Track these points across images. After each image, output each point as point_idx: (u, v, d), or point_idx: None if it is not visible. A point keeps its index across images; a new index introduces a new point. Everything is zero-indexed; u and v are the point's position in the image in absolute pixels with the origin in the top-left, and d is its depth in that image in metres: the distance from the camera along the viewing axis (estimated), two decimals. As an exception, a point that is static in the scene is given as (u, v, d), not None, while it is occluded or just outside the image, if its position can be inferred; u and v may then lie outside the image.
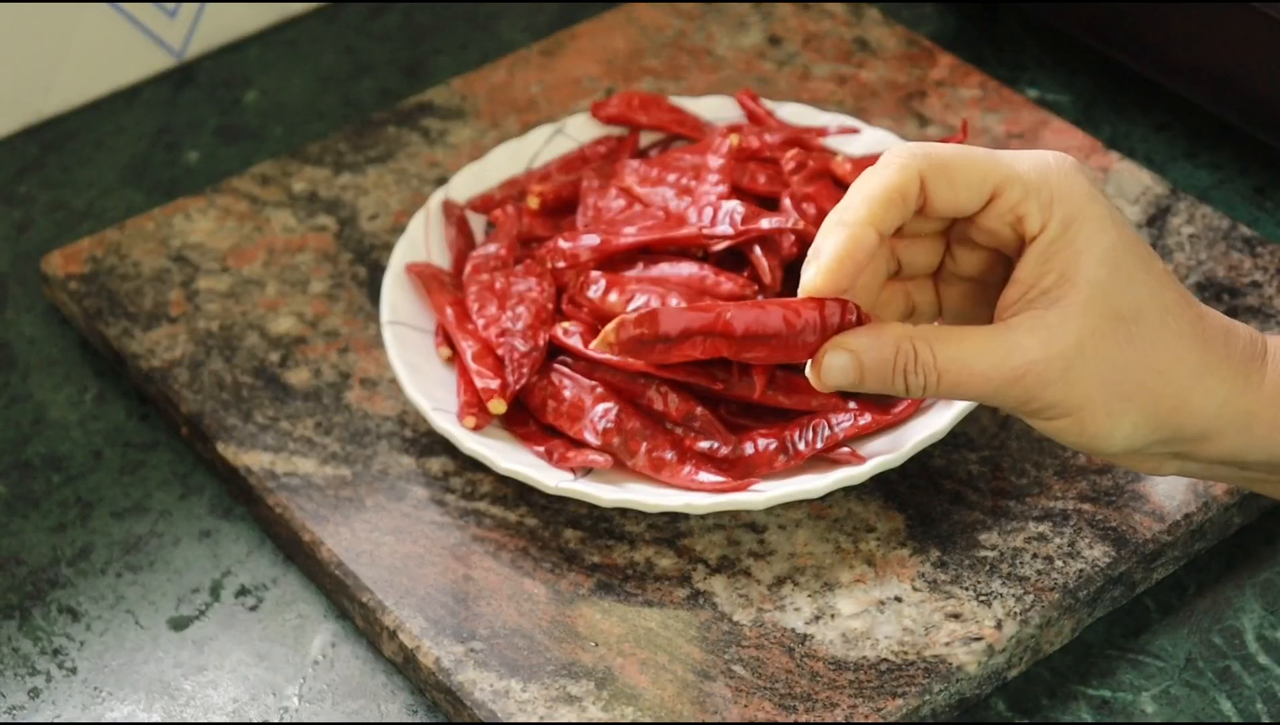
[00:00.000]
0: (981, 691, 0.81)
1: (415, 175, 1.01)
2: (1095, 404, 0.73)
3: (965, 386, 0.73)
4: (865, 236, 0.73)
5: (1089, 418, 0.73)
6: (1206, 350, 0.74)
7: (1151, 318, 0.73)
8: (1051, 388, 0.72)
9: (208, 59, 1.13)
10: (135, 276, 0.97)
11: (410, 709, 0.82)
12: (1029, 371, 0.72)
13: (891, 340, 0.73)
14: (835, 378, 0.73)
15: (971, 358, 0.73)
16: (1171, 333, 0.73)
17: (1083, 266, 0.72)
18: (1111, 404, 0.73)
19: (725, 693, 0.79)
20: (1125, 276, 0.73)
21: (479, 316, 0.89)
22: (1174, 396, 0.73)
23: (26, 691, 0.83)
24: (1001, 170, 0.73)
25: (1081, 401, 0.73)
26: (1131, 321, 0.73)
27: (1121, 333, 0.73)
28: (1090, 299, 0.72)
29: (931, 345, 0.73)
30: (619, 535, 0.85)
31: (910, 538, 0.84)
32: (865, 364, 0.73)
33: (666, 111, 0.99)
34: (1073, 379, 0.72)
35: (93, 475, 0.91)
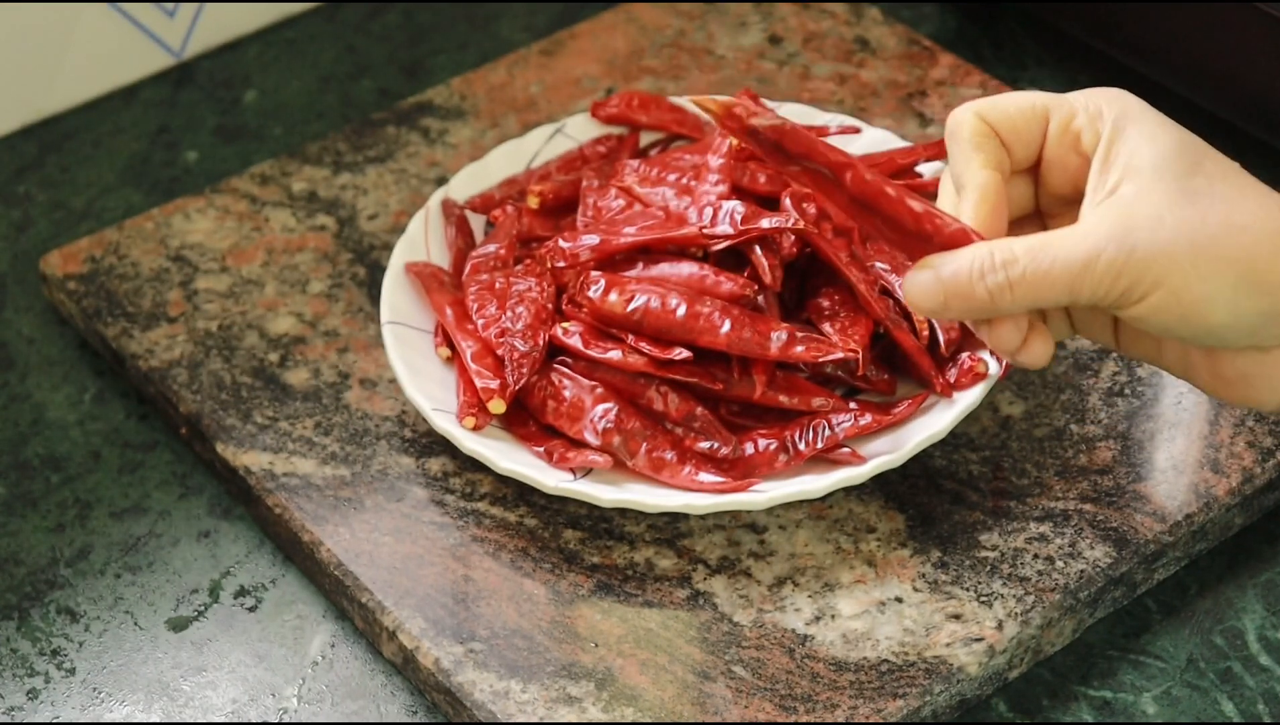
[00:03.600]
0: (982, 692, 0.80)
1: (415, 175, 1.01)
2: (1185, 270, 0.71)
3: (1045, 279, 0.72)
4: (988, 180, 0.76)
5: (1183, 285, 0.71)
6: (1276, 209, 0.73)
7: (1222, 185, 0.72)
8: (1134, 260, 0.71)
9: (207, 58, 1.13)
10: (134, 276, 0.97)
11: (410, 710, 0.82)
12: (1108, 246, 0.71)
13: (968, 251, 0.73)
14: (918, 295, 0.74)
15: (1052, 245, 0.72)
16: (1243, 194, 0.72)
17: (1142, 156, 0.73)
18: (1201, 267, 0.71)
19: (725, 693, 0.79)
20: (1191, 161, 0.73)
21: (479, 316, 0.89)
22: (1269, 255, 0.71)
23: (25, 692, 0.83)
24: (1045, 99, 0.76)
25: (1168, 267, 0.71)
26: (1204, 189, 0.72)
27: (1198, 199, 0.72)
28: (1157, 177, 0.72)
29: (1010, 244, 0.72)
30: (619, 536, 0.85)
31: (911, 538, 0.84)
32: (944, 276, 0.73)
33: (666, 111, 0.99)
34: (1156, 244, 0.71)
35: (91, 475, 0.91)
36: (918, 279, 0.74)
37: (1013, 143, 0.77)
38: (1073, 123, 0.76)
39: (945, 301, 0.74)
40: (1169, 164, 0.73)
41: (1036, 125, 0.76)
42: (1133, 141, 0.74)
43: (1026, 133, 0.77)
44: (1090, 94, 0.76)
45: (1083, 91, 0.77)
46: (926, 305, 0.74)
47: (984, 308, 0.73)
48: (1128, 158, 0.73)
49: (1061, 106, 0.76)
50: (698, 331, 0.85)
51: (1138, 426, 0.87)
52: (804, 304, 0.89)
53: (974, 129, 0.76)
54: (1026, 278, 0.72)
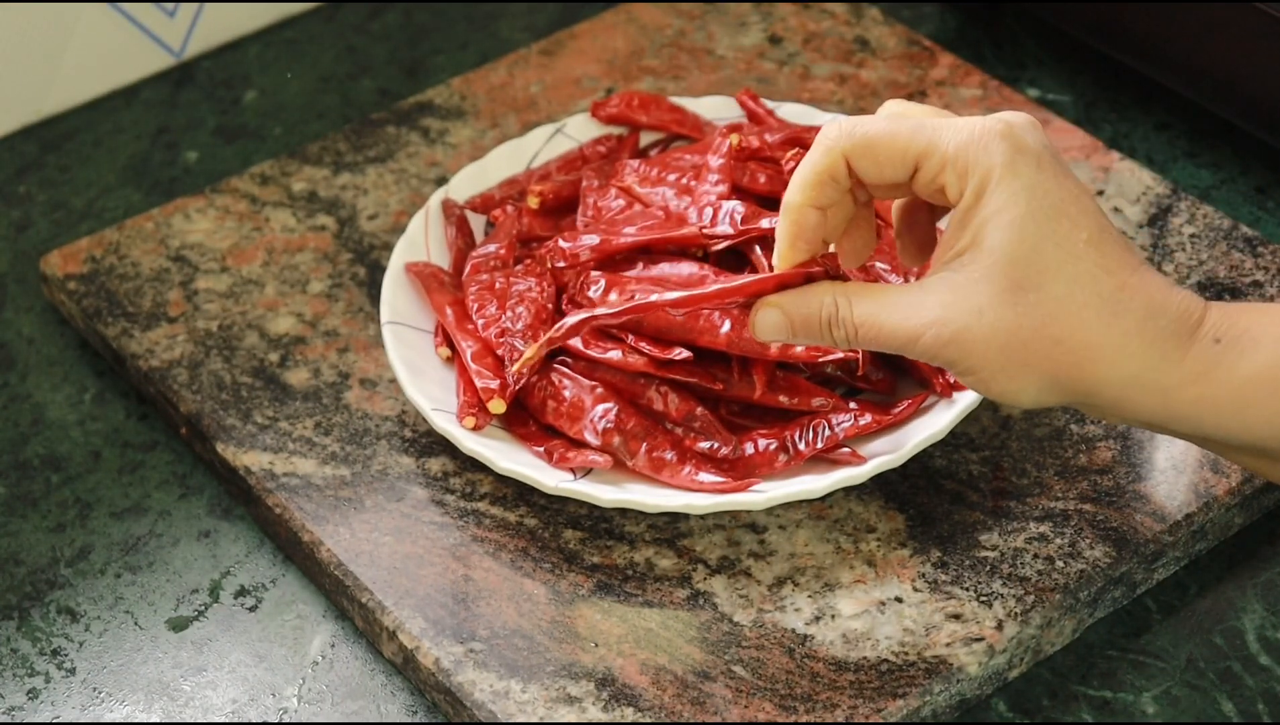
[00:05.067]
0: (982, 692, 0.80)
1: (415, 175, 1.01)
2: (994, 366, 0.76)
3: (878, 341, 0.78)
4: (805, 216, 0.79)
5: (991, 378, 0.77)
6: (1114, 323, 0.75)
7: (1055, 288, 0.75)
8: (949, 347, 0.76)
9: (207, 58, 1.13)
10: (134, 276, 0.97)
11: (410, 710, 0.82)
12: (928, 331, 0.76)
13: (817, 297, 0.79)
14: (768, 332, 0.80)
15: (883, 314, 0.77)
16: (1076, 304, 0.75)
17: (989, 234, 0.76)
18: (1010, 368, 0.76)
19: (725, 693, 0.79)
20: (1030, 247, 0.75)
21: (479, 316, 0.89)
22: (1074, 365, 0.76)
23: (25, 692, 0.83)
24: (921, 145, 0.77)
25: (979, 363, 0.76)
26: (1033, 290, 0.75)
27: (1021, 301, 0.75)
28: (993, 266, 0.75)
29: (851, 301, 0.78)
30: (619, 536, 0.85)
31: (911, 538, 0.84)
32: (793, 319, 0.79)
33: (666, 111, 0.98)
34: (968, 341, 0.76)
35: (91, 475, 0.91)
36: (766, 317, 0.80)
37: (873, 181, 0.79)
38: (939, 176, 0.77)
39: (793, 336, 0.80)
40: (1009, 250, 0.75)
41: (904, 171, 0.78)
42: (987, 210, 0.76)
43: (891, 177, 0.78)
44: (964, 145, 0.76)
45: (960, 135, 0.77)
46: (775, 337, 0.80)
47: (831, 346, 0.80)
48: (977, 228, 0.76)
49: (931, 157, 0.77)
50: (698, 331, 0.85)
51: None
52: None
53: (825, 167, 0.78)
54: (863, 336, 0.78)
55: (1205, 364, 0.75)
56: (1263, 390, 0.75)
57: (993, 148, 0.76)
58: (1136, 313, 0.75)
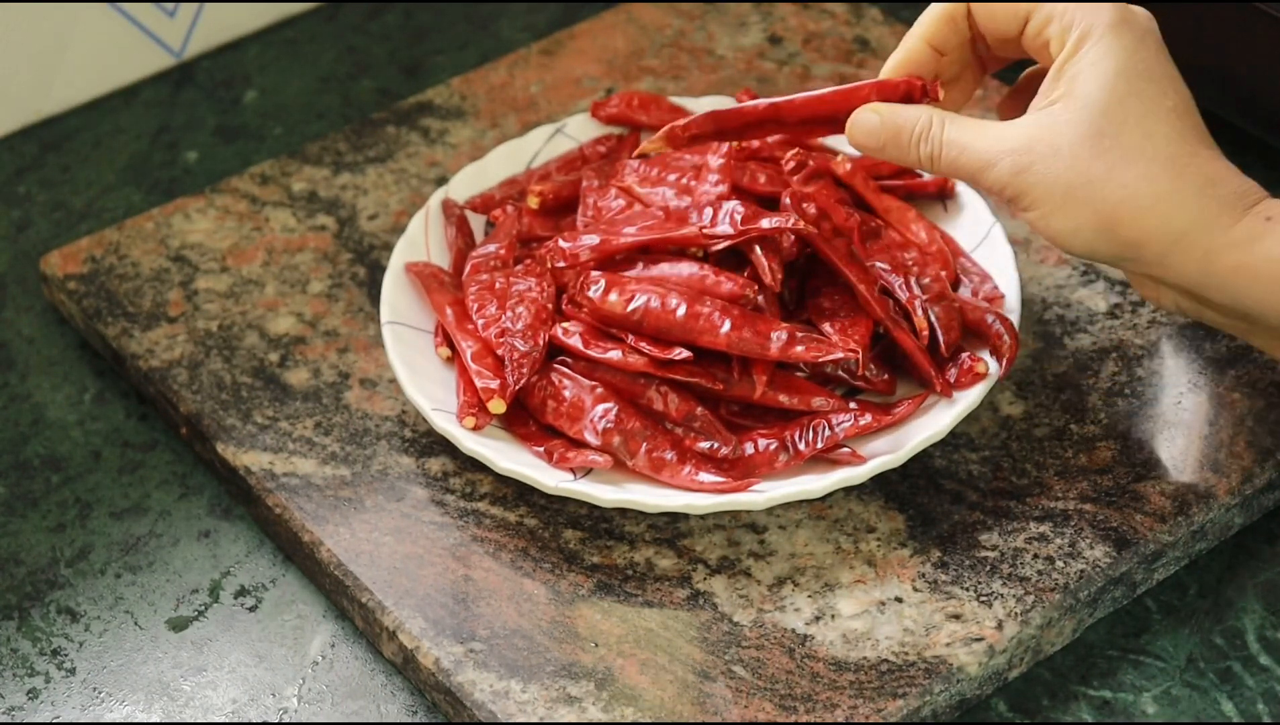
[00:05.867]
0: (982, 692, 0.80)
1: (415, 175, 1.01)
2: (1056, 201, 0.80)
3: (957, 162, 0.82)
4: (918, 50, 0.85)
5: (1052, 213, 0.80)
6: (1177, 180, 0.79)
7: (1130, 138, 0.80)
8: (1021, 176, 0.80)
9: (207, 58, 1.13)
10: (134, 276, 0.97)
11: (410, 710, 0.82)
12: (1005, 158, 0.81)
13: (914, 112, 0.83)
14: (860, 134, 0.84)
15: (970, 137, 0.82)
16: (1146, 156, 0.80)
17: (1081, 82, 0.80)
18: (1071, 206, 0.80)
19: (725, 693, 0.79)
20: (1117, 99, 0.80)
21: (479, 316, 0.89)
22: (1130, 212, 0.79)
23: (25, 692, 0.83)
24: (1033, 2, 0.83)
25: (1045, 195, 0.80)
26: (1110, 136, 0.80)
27: (1098, 145, 0.80)
28: (1080, 110, 0.80)
29: (946, 122, 0.83)
30: (619, 535, 0.85)
31: (911, 538, 0.84)
32: (886, 125, 0.83)
33: (666, 111, 0.98)
34: (1042, 172, 0.80)
35: (91, 475, 0.91)
36: (864, 119, 0.84)
37: (989, 31, 0.85)
38: (1046, 29, 0.82)
39: (883, 146, 0.84)
40: (1095, 98, 0.80)
41: (1016, 24, 0.83)
42: (1082, 63, 0.81)
43: (1005, 27, 0.84)
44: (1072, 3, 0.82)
45: None
46: (867, 143, 0.84)
47: (911, 162, 0.84)
48: (1071, 79, 0.81)
49: (1041, 10, 0.82)
50: (698, 331, 0.85)
51: (1138, 426, 0.87)
52: (804, 304, 0.89)
53: (948, 8, 0.85)
54: (946, 156, 0.82)
55: (1251, 235, 0.79)
56: None
57: (1101, 9, 0.81)
58: (1199, 177, 0.80)
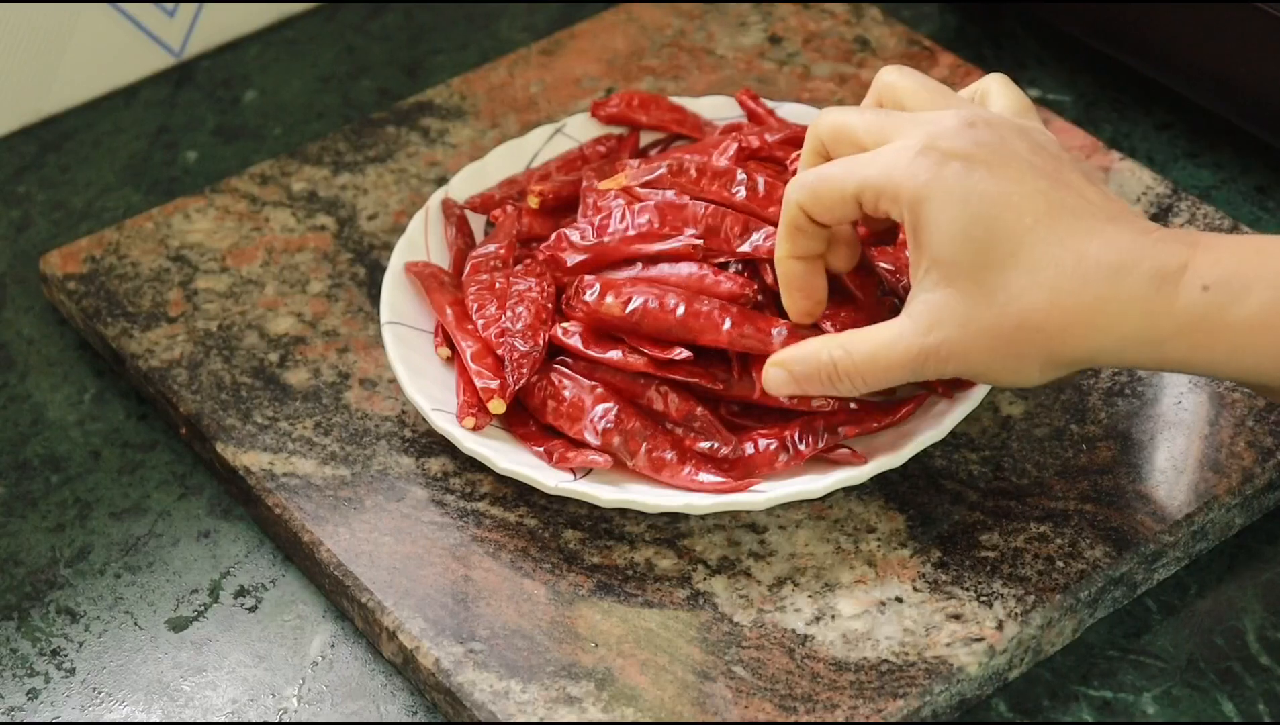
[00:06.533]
0: (982, 692, 0.80)
1: (415, 175, 1.01)
2: (994, 366, 0.78)
3: (884, 380, 0.80)
4: (791, 267, 0.83)
5: (998, 377, 0.79)
6: (1083, 291, 0.76)
7: (1016, 280, 0.77)
8: (950, 363, 0.79)
9: (206, 58, 1.13)
10: (134, 276, 0.97)
11: (410, 710, 0.82)
12: (927, 358, 0.79)
13: (814, 353, 0.81)
14: (776, 388, 0.83)
15: (880, 353, 0.80)
16: (1040, 287, 0.76)
17: (936, 248, 0.78)
18: (1009, 361, 0.78)
19: (725, 694, 0.79)
20: (980, 249, 0.77)
21: (478, 316, 0.89)
22: (1062, 342, 0.77)
23: (25, 693, 0.83)
24: (854, 183, 0.80)
25: (979, 365, 0.79)
26: (999, 289, 0.77)
27: (993, 301, 0.77)
28: (955, 278, 0.78)
29: (848, 350, 0.80)
30: (619, 536, 0.85)
31: (911, 538, 0.84)
32: (798, 376, 0.82)
33: (666, 111, 0.98)
34: (964, 352, 0.78)
35: (91, 476, 0.91)
36: (774, 376, 0.82)
37: (835, 223, 0.82)
38: (879, 206, 0.79)
39: (800, 390, 0.82)
40: (961, 261, 0.77)
41: (852, 209, 0.81)
42: (929, 230, 0.78)
43: (846, 216, 0.81)
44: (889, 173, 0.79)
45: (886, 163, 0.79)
46: (784, 392, 0.83)
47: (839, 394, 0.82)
48: (928, 246, 0.78)
49: (865, 192, 0.79)
50: (698, 330, 0.85)
51: (1138, 426, 0.87)
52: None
53: (790, 219, 0.82)
54: (868, 379, 0.80)
55: (1195, 314, 0.75)
56: (1258, 336, 0.75)
57: (916, 169, 0.78)
58: (1103, 276, 0.76)
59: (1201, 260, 0.76)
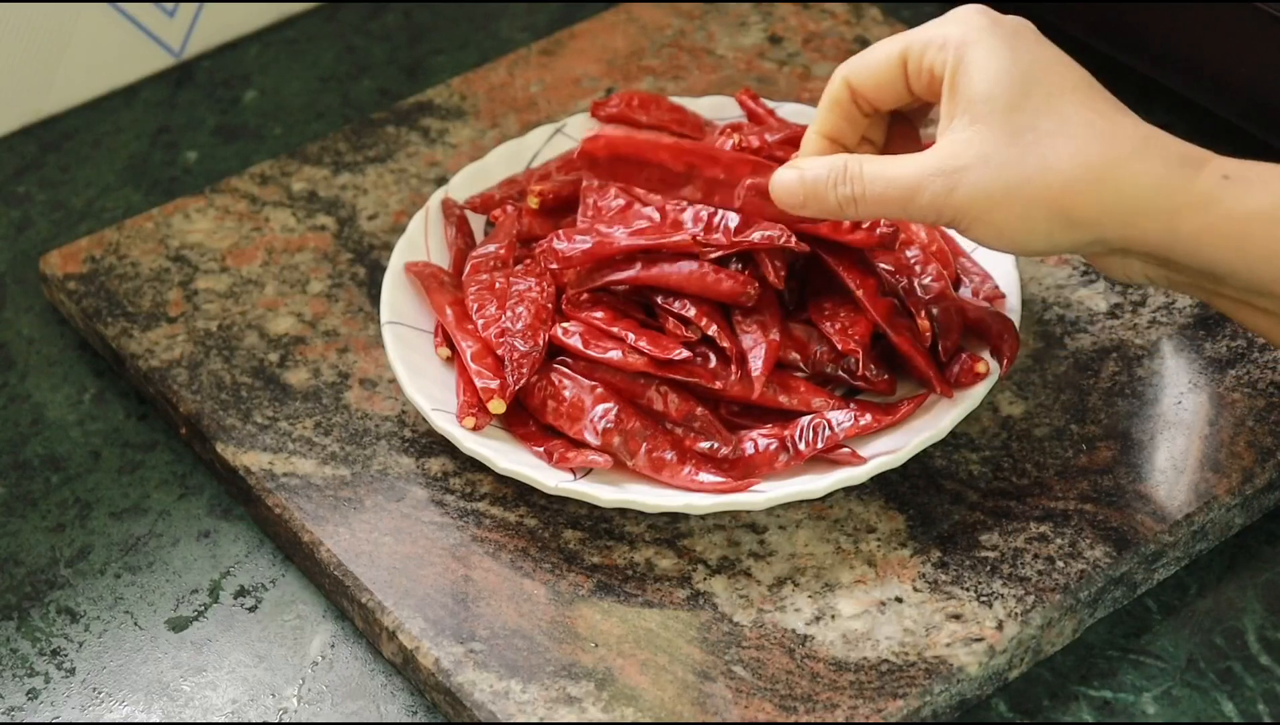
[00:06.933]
0: (982, 692, 0.80)
1: (415, 175, 1.01)
2: (1001, 206, 0.78)
3: (883, 196, 0.80)
4: (816, 144, 0.85)
5: (1003, 220, 0.78)
6: (1113, 149, 0.77)
7: (1049, 124, 0.78)
8: (955, 194, 0.78)
9: (206, 58, 1.13)
10: (134, 276, 0.97)
11: (410, 710, 0.82)
12: (935, 179, 0.78)
13: (831, 159, 0.81)
14: (781, 190, 0.82)
15: (890, 169, 0.80)
16: (1070, 135, 0.77)
17: (977, 88, 0.79)
18: (1017, 207, 0.78)
19: (726, 694, 0.79)
20: (1019, 91, 0.78)
21: (478, 316, 0.89)
22: (1079, 192, 0.77)
23: (25, 693, 0.83)
24: (901, 41, 0.82)
25: (988, 205, 0.78)
26: (1028, 130, 0.78)
27: (1020, 141, 0.78)
28: (986, 114, 0.78)
29: (862, 161, 0.81)
30: (619, 536, 0.85)
31: (911, 538, 0.84)
32: (806, 178, 0.82)
33: (666, 111, 0.98)
34: (975, 183, 0.78)
35: (91, 475, 0.91)
36: (784, 176, 0.83)
37: (880, 96, 0.83)
38: (924, 60, 0.81)
39: (804, 200, 0.82)
40: (997, 97, 0.78)
41: (898, 72, 0.82)
42: (970, 71, 0.79)
43: (890, 84, 0.83)
44: (941, 24, 0.81)
45: (935, 24, 0.81)
46: (788, 201, 0.83)
47: (835, 212, 0.81)
48: (965, 89, 0.79)
49: (914, 46, 0.81)
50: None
51: (1138, 426, 0.87)
52: (804, 304, 0.89)
53: (832, 95, 0.84)
54: (868, 196, 0.80)
55: (1211, 195, 0.77)
56: (1268, 226, 0.77)
57: (968, 18, 0.80)
58: (1133, 142, 0.78)
59: (1223, 160, 0.78)
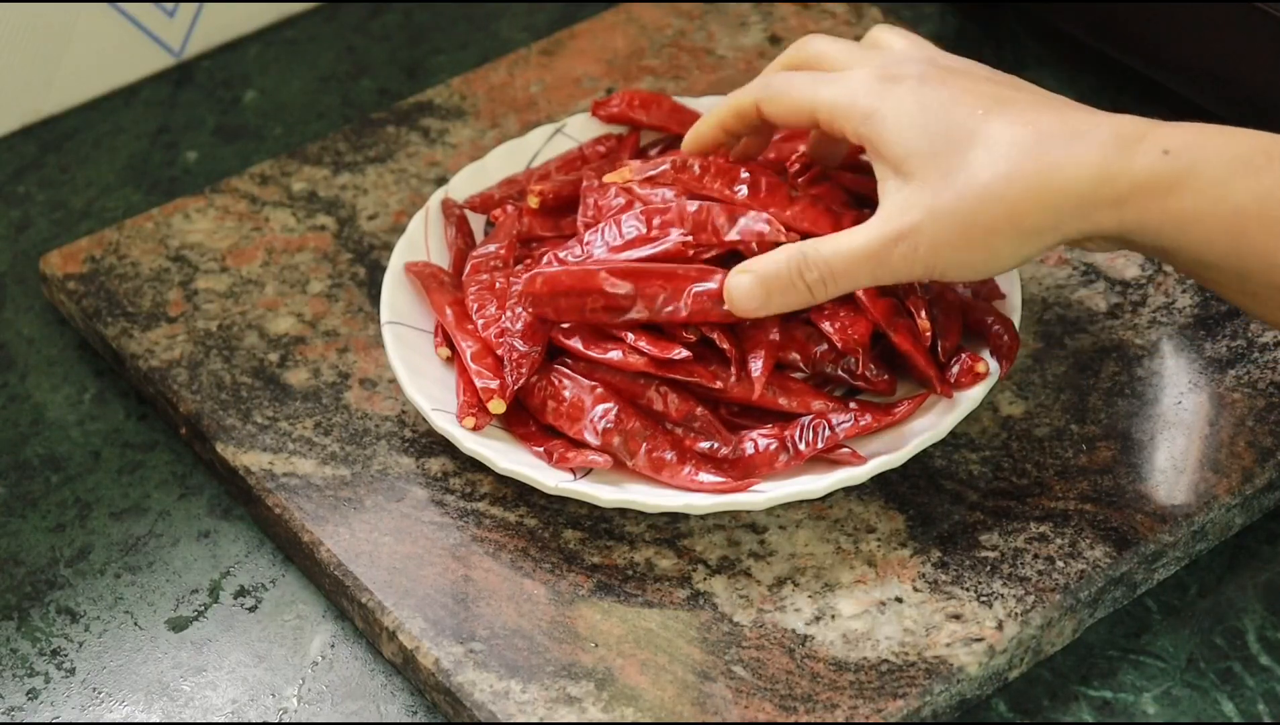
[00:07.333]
0: (982, 692, 0.80)
1: (415, 175, 1.01)
2: (963, 247, 0.79)
3: (852, 270, 0.81)
4: (709, 132, 0.89)
5: (967, 257, 0.80)
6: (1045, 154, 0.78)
7: (976, 156, 0.79)
8: (921, 250, 0.80)
9: (206, 58, 1.13)
10: (134, 276, 0.97)
11: (410, 710, 0.82)
12: (898, 243, 0.80)
13: (780, 253, 0.82)
14: (742, 298, 0.82)
15: (847, 244, 0.81)
16: (1000, 157, 0.78)
17: (895, 151, 0.80)
18: (974, 240, 0.79)
19: (725, 694, 0.79)
20: (938, 137, 0.80)
21: (478, 316, 0.89)
22: (1027, 208, 0.78)
23: (25, 693, 0.83)
24: (813, 99, 0.84)
25: (951, 251, 0.79)
26: (959, 170, 0.79)
27: (955, 182, 0.79)
28: (915, 169, 0.80)
29: (815, 245, 0.81)
30: (619, 536, 0.85)
31: (911, 538, 0.84)
32: (764, 277, 0.82)
33: (667, 111, 0.98)
34: (934, 237, 0.79)
35: (91, 476, 0.91)
36: (739, 282, 0.82)
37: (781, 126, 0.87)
38: (835, 124, 0.83)
39: (767, 299, 0.82)
40: (918, 152, 0.80)
41: (806, 121, 0.85)
42: (884, 135, 0.81)
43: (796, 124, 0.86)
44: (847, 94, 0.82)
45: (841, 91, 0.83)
46: (750, 305, 0.82)
47: (808, 298, 0.82)
48: (886, 153, 0.81)
49: (821, 110, 0.83)
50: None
51: (1138, 426, 0.87)
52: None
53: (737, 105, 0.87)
54: (838, 273, 0.81)
55: (1156, 175, 0.77)
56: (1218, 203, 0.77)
57: (870, 89, 0.82)
58: (1060, 140, 0.79)
59: (1162, 131, 0.78)
